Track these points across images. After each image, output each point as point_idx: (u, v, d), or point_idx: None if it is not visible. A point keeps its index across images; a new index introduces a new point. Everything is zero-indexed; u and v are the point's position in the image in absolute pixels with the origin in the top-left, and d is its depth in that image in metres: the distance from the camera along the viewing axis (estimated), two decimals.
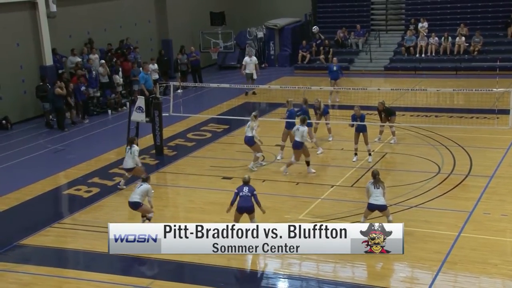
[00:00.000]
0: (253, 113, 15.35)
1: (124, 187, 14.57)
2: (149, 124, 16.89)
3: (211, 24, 29.41)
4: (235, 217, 11.42)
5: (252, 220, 11.39)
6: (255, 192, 11.42)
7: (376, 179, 11.34)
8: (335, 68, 21.76)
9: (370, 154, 15.50)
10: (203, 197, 13.99)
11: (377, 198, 11.26)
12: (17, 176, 15.86)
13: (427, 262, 10.45)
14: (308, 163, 14.78)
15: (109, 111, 22.02)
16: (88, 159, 16.88)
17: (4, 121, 20.39)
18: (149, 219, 12.11)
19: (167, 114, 17.34)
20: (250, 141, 15.14)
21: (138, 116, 16.72)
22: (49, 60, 21.64)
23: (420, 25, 27.71)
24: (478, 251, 10.68)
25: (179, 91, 23.77)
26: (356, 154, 15.47)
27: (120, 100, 22.56)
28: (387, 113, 16.75)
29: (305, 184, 14.18)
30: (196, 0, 29.33)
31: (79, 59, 22.27)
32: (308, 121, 15.38)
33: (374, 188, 11.28)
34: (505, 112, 15.71)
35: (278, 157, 15.96)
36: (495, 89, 17.15)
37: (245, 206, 11.33)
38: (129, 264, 11.17)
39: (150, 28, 27.25)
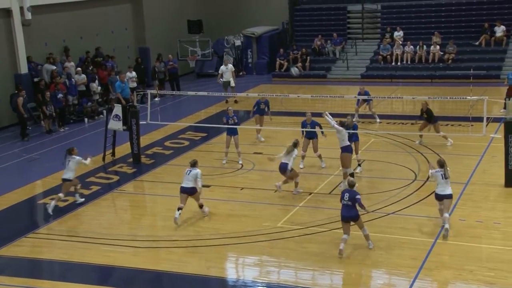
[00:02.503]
0: (293, 141, 14.13)
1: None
2: (126, 132, 16.82)
3: (188, 32, 29.37)
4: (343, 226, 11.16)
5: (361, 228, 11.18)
6: (358, 197, 11.02)
7: (445, 168, 11.67)
8: (262, 106, 18.59)
9: (321, 159, 15.73)
10: None
11: (445, 187, 11.61)
12: None
13: (404, 269, 10.51)
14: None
15: (86, 119, 21.84)
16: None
17: None
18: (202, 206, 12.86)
19: (145, 122, 17.27)
20: (284, 168, 13.83)
21: (115, 125, 16.67)
22: (24, 68, 21.42)
23: (395, 33, 28.07)
24: (454, 257, 10.77)
25: (156, 99, 23.71)
26: (303, 159, 15.66)
27: (97, 108, 22.39)
28: (428, 115, 16.95)
29: (284, 191, 14.15)
30: (174, 8, 29.29)
31: (54, 67, 22.05)
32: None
33: (443, 178, 11.61)
34: (479, 119, 15.92)
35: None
36: (469, 97, 17.38)
37: (347, 216, 11.03)
38: (106, 274, 11.06)
39: (127, 36, 27.13)
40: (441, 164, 11.83)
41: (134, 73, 23.69)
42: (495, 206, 13.12)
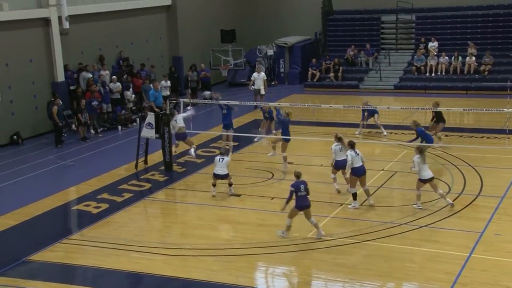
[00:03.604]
0: (349, 142, 13.98)
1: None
2: (158, 141, 16.93)
3: (221, 41, 29.58)
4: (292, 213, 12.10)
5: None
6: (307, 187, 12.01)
7: (424, 154, 13.11)
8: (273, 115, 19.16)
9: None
10: (212, 214, 13.94)
11: (428, 171, 13.15)
12: (27, 191, 15.90)
13: (437, 283, 10.32)
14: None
15: (119, 127, 22.11)
16: (98, 174, 16.89)
17: (15, 137, 20.53)
18: (231, 184, 14.70)
19: None
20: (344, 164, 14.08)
21: (148, 132, 16.79)
22: (61, 76, 21.86)
23: (430, 44, 27.74)
24: (489, 273, 10.53)
25: (189, 107, 23.87)
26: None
27: (130, 116, 22.67)
28: (437, 116, 16.96)
29: (313, 202, 14.00)
30: (207, 17, 29.55)
31: (90, 75, 22.43)
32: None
33: (424, 163, 13.07)
34: None
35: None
36: (506, 109, 17.06)
37: (304, 205, 11.97)
38: (136, 281, 11.13)
39: (161, 45, 27.45)
40: (420, 150, 13.07)
41: (168, 82, 23.93)
42: None
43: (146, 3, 26.30)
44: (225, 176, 14.61)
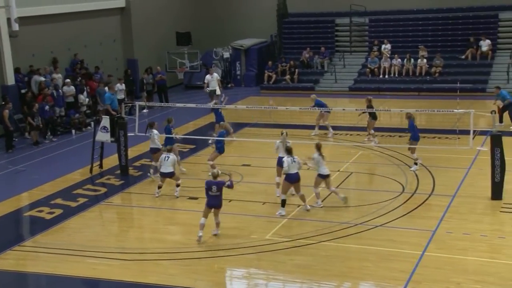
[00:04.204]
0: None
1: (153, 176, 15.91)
2: (114, 144, 16.73)
3: (177, 44, 29.44)
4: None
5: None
6: (227, 183, 12.37)
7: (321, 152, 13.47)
8: None
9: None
10: (168, 217, 13.86)
11: (325, 168, 13.60)
12: None
13: (392, 281, 10.48)
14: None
15: (73, 131, 21.69)
16: (52, 179, 16.56)
17: None
18: (178, 185, 14.69)
19: (133, 134, 17.19)
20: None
21: (103, 136, 16.56)
22: (11, 80, 21.29)
23: (383, 46, 28.29)
24: (442, 270, 10.71)
25: (144, 110, 23.66)
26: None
27: (85, 120, 22.27)
28: (371, 114, 17.44)
29: (272, 204, 14.12)
30: (162, 20, 29.32)
31: (43, 78, 21.94)
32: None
33: (323, 160, 13.47)
34: (466, 132, 16.00)
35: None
36: (456, 110, 17.50)
37: (215, 204, 12.30)
38: (93, 287, 10.96)
39: (115, 48, 27.07)
40: (319, 148, 13.41)
41: (123, 85, 23.63)
42: (481, 219, 13.14)
43: (99, 5, 25.93)
44: (170, 174, 14.60)
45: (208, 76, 24.23)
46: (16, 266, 11.64)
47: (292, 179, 13.33)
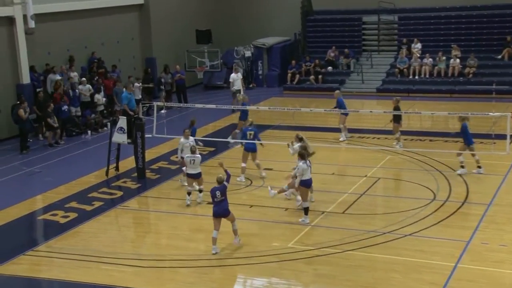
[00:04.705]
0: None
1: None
2: (131, 146, 16.44)
3: (197, 42, 29.10)
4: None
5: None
6: (225, 184, 11.79)
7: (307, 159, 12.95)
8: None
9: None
10: (187, 223, 13.63)
11: (309, 175, 12.98)
12: None
13: None
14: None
15: (89, 132, 21.39)
16: (66, 182, 16.37)
17: None
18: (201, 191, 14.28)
19: (150, 136, 17.02)
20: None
21: (120, 137, 16.33)
22: (26, 78, 21.05)
23: (413, 46, 27.43)
24: (476, 283, 10.25)
25: (162, 111, 23.24)
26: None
27: (101, 120, 21.93)
28: (394, 116, 17.08)
29: (295, 210, 13.71)
30: (182, 17, 28.95)
31: (58, 77, 21.65)
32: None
33: (308, 166, 12.91)
34: (502, 137, 15.35)
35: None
36: (491, 113, 16.82)
37: (221, 212, 11.73)
38: None
39: (133, 46, 26.77)
40: (303, 156, 12.89)
41: (140, 84, 23.23)
42: None
43: (117, 2, 25.67)
44: (198, 175, 14.29)
45: (233, 75, 24.07)
46: (29, 271, 11.45)
47: (309, 184, 13.21)
